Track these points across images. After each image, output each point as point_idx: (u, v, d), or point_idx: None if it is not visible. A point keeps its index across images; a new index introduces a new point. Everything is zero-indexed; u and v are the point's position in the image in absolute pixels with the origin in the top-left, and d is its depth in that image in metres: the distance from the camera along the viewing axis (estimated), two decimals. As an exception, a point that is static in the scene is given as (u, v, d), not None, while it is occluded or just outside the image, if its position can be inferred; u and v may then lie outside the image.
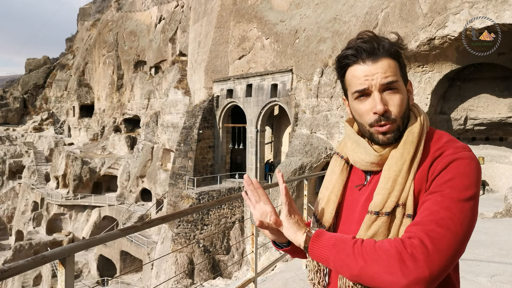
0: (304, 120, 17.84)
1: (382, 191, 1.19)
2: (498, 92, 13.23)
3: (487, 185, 14.40)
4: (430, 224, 1.04)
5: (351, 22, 15.30)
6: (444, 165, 1.13)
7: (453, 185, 1.08)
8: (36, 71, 57.56)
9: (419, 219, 1.09)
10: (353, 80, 1.24)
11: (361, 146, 1.29)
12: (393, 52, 1.24)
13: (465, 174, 1.10)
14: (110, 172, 36.89)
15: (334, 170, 1.41)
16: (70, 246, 1.81)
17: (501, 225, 7.96)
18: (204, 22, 27.01)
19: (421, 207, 1.13)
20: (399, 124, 1.22)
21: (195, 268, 19.74)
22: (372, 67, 1.20)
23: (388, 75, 1.20)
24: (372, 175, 1.30)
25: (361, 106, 1.24)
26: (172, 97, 32.49)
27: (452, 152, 1.14)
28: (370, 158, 1.26)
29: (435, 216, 1.06)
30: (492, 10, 10.27)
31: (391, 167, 1.20)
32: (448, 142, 1.20)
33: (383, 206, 1.17)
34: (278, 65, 21.06)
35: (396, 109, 1.21)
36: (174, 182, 24.15)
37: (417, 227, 1.06)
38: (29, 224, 36.38)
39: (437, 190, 1.10)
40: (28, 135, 50.01)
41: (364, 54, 1.22)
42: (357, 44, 1.24)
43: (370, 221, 1.18)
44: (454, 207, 1.06)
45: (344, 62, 1.26)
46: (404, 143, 1.22)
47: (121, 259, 27.36)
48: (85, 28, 54.64)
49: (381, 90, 1.21)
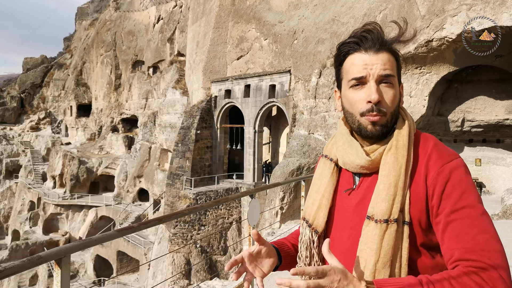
0: (302, 121, 17.85)
1: (386, 198, 1.17)
2: (496, 94, 13.27)
3: (484, 187, 14.43)
4: (484, 249, 1.05)
5: (349, 23, 15.32)
6: (445, 178, 1.14)
7: (468, 201, 1.11)
8: (33, 70, 57.42)
9: (466, 246, 1.06)
10: (352, 67, 1.24)
11: (353, 147, 1.29)
12: (394, 49, 1.26)
13: (470, 185, 1.14)
14: (107, 172, 36.82)
15: (324, 173, 1.39)
16: (66, 247, 1.81)
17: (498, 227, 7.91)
18: (202, 22, 27.00)
19: (449, 229, 1.11)
20: (389, 119, 1.23)
21: (192, 269, 19.72)
22: (372, 57, 1.22)
23: (386, 68, 1.21)
24: (362, 177, 1.29)
25: (355, 95, 1.24)
26: (170, 97, 32.45)
27: (446, 161, 1.16)
28: (361, 162, 1.26)
29: (479, 239, 1.06)
30: (490, 12, 10.31)
31: (390, 172, 1.20)
32: (436, 146, 1.22)
33: (391, 213, 1.16)
34: (276, 66, 21.06)
35: (389, 103, 1.22)
36: (171, 182, 24.12)
37: (475, 255, 1.04)
38: (26, 223, 36.26)
39: (457, 209, 1.11)
40: (25, 135, 49.87)
41: (367, 43, 1.23)
42: (361, 34, 1.25)
43: (382, 230, 1.16)
44: (485, 224, 1.10)
45: (345, 50, 1.27)
46: (396, 147, 1.22)
47: (118, 259, 27.30)
48: (83, 28, 54.57)
49: (378, 81, 1.21)
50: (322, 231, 1.34)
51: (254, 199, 4.04)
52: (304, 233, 1.37)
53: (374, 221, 1.17)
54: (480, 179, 14.36)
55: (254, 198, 4.05)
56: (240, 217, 21.38)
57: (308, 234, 1.35)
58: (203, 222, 20.85)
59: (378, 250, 1.15)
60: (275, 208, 15.02)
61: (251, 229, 3.99)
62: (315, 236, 1.34)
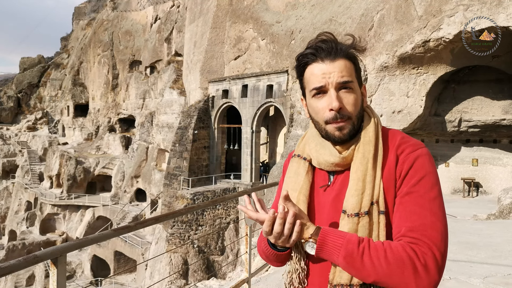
0: (299, 121, 17.87)
1: (355, 193, 1.25)
2: (492, 94, 13.31)
3: (480, 187, 14.48)
4: (427, 229, 1.15)
5: (346, 23, 15.34)
6: (409, 164, 1.24)
7: (425, 185, 1.20)
8: (30, 70, 57.27)
9: (412, 224, 1.17)
10: (311, 77, 1.30)
11: (326, 148, 1.35)
12: (350, 54, 1.31)
13: (430, 172, 1.23)
14: (104, 172, 36.73)
15: (299, 171, 1.43)
16: (62, 246, 1.80)
17: (494, 226, 8.00)
18: (200, 22, 26.99)
19: (401, 208, 1.22)
20: (354, 122, 1.30)
21: (189, 269, 19.70)
22: (329, 65, 1.27)
23: (344, 75, 1.27)
24: (336, 175, 1.36)
25: (318, 104, 1.30)
26: (167, 97, 32.41)
27: (412, 150, 1.26)
28: (334, 160, 1.32)
29: (425, 220, 1.17)
30: (487, 13, 10.34)
31: (358, 168, 1.27)
32: (403, 138, 1.31)
33: (360, 207, 1.24)
34: (274, 66, 21.07)
35: (350, 108, 1.28)
36: (169, 183, 24.09)
37: (418, 233, 1.15)
38: (23, 224, 36.14)
39: (412, 191, 1.21)
40: (22, 135, 49.71)
41: (323, 53, 1.28)
42: (316, 44, 1.31)
43: (354, 223, 1.24)
44: (435, 207, 1.19)
45: (304, 61, 1.33)
46: (363, 144, 1.30)
47: (115, 260, 27.23)
48: (80, 27, 54.42)
49: (337, 89, 1.27)
50: None
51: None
52: None
53: (346, 215, 1.25)
54: (477, 179, 14.41)
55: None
56: (238, 217, 21.37)
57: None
58: (200, 222, 20.83)
59: None
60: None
61: (248, 229, 3.99)
62: None
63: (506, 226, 7.89)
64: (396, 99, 13.36)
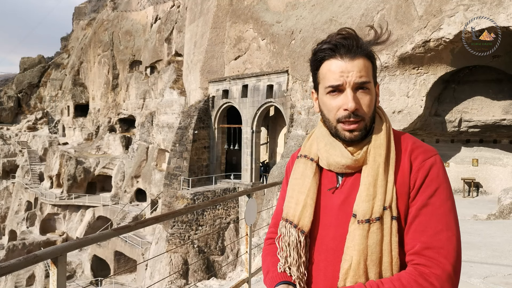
0: (299, 121, 17.86)
1: (366, 198, 1.22)
2: (493, 94, 13.30)
3: (481, 187, 14.47)
4: (443, 246, 1.15)
5: (347, 23, 15.33)
6: (425, 173, 1.21)
7: (441, 196, 1.19)
8: (30, 70, 57.26)
9: (428, 240, 1.17)
10: (328, 74, 1.26)
11: (336, 148, 1.30)
12: (369, 53, 1.28)
13: (445, 181, 1.22)
14: (104, 172, 36.73)
15: (306, 173, 1.38)
16: (63, 246, 1.80)
17: (495, 226, 8.00)
18: (200, 22, 26.99)
19: (417, 221, 1.20)
20: (367, 123, 1.26)
21: (189, 269, 19.70)
22: (348, 64, 1.23)
23: (362, 75, 1.24)
24: (345, 177, 1.31)
25: (332, 102, 1.26)
26: (167, 97, 32.42)
27: (426, 157, 1.24)
28: (346, 161, 1.28)
29: (441, 235, 1.16)
30: (487, 13, 10.34)
31: (369, 173, 1.24)
32: (415, 143, 1.29)
33: (372, 212, 1.20)
34: (274, 66, 21.07)
35: (366, 109, 1.25)
36: (169, 183, 24.09)
37: (433, 251, 1.15)
38: (23, 224, 36.14)
39: (429, 203, 1.19)
40: (22, 135, 49.70)
41: (343, 50, 1.25)
42: (336, 40, 1.27)
43: (364, 230, 1.20)
44: (451, 221, 1.18)
45: (321, 55, 1.29)
46: (374, 147, 1.27)
47: (115, 260, 27.24)
48: (81, 27, 54.43)
49: (354, 89, 1.24)
50: (308, 231, 1.34)
51: (251, 199, 4.04)
52: (290, 233, 1.36)
53: (357, 221, 1.21)
54: (477, 179, 14.40)
55: (251, 198, 4.05)
56: (238, 217, 21.38)
57: (295, 235, 1.34)
58: (200, 222, 20.83)
59: (364, 249, 1.19)
60: (273, 208, 15.02)
61: (248, 228, 3.99)
62: (302, 236, 1.33)
63: (506, 226, 7.89)
64: (396, 99, 13.36)
